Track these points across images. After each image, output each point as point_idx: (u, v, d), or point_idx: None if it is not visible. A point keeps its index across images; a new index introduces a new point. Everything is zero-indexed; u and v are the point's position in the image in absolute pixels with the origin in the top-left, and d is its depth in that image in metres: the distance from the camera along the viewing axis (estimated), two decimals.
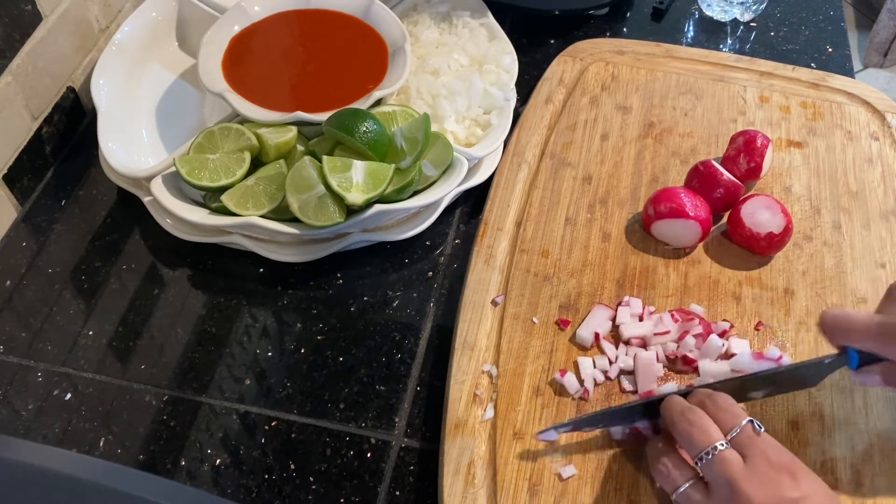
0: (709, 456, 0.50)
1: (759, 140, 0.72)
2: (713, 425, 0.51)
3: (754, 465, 0.49)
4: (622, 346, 0.63)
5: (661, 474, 0.53)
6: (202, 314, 0.69)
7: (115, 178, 0.75)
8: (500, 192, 0.73)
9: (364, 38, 0.79)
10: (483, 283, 0.67)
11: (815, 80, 0.82)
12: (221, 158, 0.69)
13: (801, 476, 0.49)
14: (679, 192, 0.68)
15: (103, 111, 0.75)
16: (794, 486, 0.48)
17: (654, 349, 0.62)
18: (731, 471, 0.49)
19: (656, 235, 0.70)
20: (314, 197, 0.65)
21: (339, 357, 0.66)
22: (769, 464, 0.49)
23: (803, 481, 0.49)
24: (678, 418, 0.53)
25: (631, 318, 0.64)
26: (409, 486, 0.59)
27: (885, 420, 0.59)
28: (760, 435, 0.51)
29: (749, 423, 0.51)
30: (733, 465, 0.49)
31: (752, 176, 0.72)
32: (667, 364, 0.62)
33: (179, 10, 0.84)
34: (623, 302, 0.65)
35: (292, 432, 0.62)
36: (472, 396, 0.60)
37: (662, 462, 0.53)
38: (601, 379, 0.61)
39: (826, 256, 0.69)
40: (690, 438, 0.51)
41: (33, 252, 0.73)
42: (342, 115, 0.69)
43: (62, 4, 0.78)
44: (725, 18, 0.92)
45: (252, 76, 0.76)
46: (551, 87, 0.82)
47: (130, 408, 0.63)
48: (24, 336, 0.67)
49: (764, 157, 0.72)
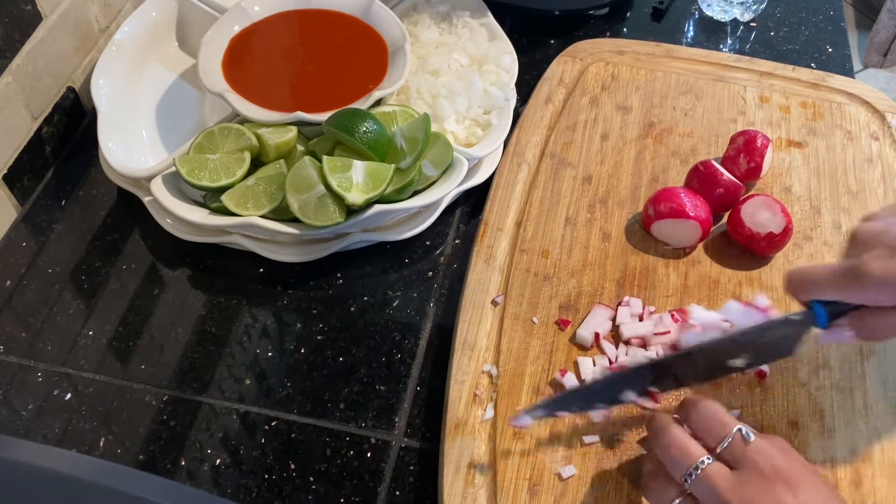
0: (695, 473, 0.48)
1: (760, 140, 0.72)
2: (692, 442, 0.50)
3: (744, 476, 0.47)
4: (622, 346, 0.63)
5: (652, 493, 0.52)
6: (202, 314, 0.69)
7: (115, 178, 0.75)
8: (500, 192, 0.73)
9: (364, 38, 0.79)
10: (483, 283, 0.67)
11: (815, 80, 0.82)
12: (221, 158, 0.69)
13: (799, 482, 0.47)
14: (679, 192, 0.68)
15: (103, 111, 0.75)
16: (790, 493, 0.46)
17: (653, 349, 0.62)
18: (718, 485, 0.47)
19: (656, 235, 0.70)
20: (314, 197, 0.65)
21: (339, 357, 0.66)
22: (760, 473, 0.47)
23: (802, 488, 0.47)
24: (654, 442, 0.52)
25: (631, 318, 0.64)
26: (409, 486, 0.59)
27: (885, 420, 0.59)
28: (750, 443, 0.49)
29: (738, 431, 0.49)
30: (720, 480, 0.47)
31: (753, 176, 0.72)
32: None
33: (179, 10, 0.84)
34: (623, 302, 0.65)
35: (292, 432, 0.62)
36: (472, 396, 0.60)
37: (652, 482, 0.52)
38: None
39: (826, 256, 0.69)
40: (671, 460, 0.50)
41: (33, 252, 0.73)
42: (342, 115, 0.69)
43: (62, 4, 0.78)
44: (725, 18, 0.92)
45: (252, 76, 0.76)
46: (551, 87, 0.82)
47: (130, 408, 0.63)
48: (24, 336, 0.67)
49: (764, 158, 0.72)
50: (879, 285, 0.49)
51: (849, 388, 0.61)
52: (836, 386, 0.61)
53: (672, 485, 0.50)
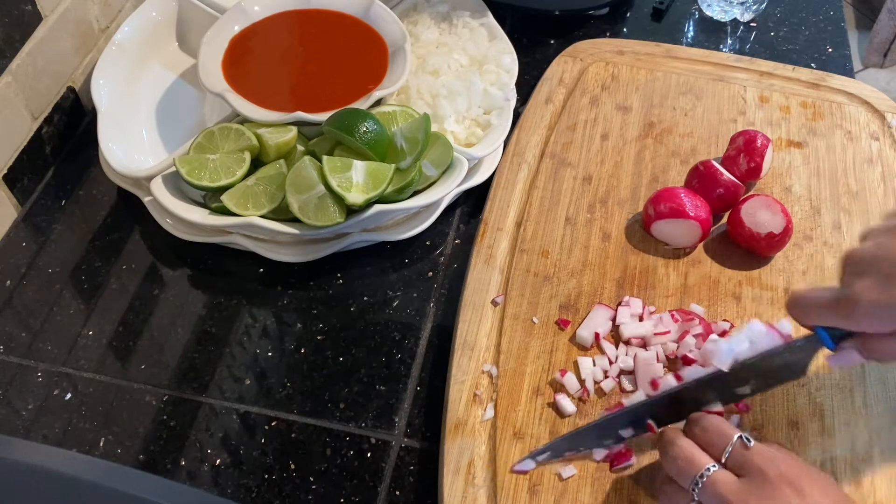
0: (700, 482, 0.49)
1: (760, 140, 0.72)
2: (698, 451, 0.50)
3: (750, 482, 0.48)
4: (622, 345, 0.63)
5: (664, 497, 0.52)
6: (202, 314, 0.69)
7: (115, 178, 0.75)
8: (500, 192, 0.73)
9: (364, 38, 0.79)
10: (483, 283, 0.67)
11: (815, 80, 0.82)
12: (221, 158, 0.69)
13: (806, 485, 0.47)
14: (679, 193, 0.68)
15: (103, 111, 0.75)
16: (797, 496, 0.46)
17: (654, 349, 0.62)
18: (724, 492, 0.47)
19: (656, 235, 0.70)
20: (314, 197, 0.65)
21: (339, 357, 0.66)
22: (766, 478, 0.47)
23: (808, 490, 0.47)
24: (662, 456, 0.52)
25: (631, 317, 0.64)
26: (409, 486, 0.59)
27: (885, 420, 0.59)
28: (752, 448, 0.49)
29: (738, 438, 0.50)
30: (725, 486, 0.48)
31: (752, 176, 0.72)
32: (667, 364, 0.62)
33: (179, 10, 0.84)
34: (623, 302, 0.65)
35: (292, 432, 0.62)
36: (472, 396, 0.60)
37: (664, 491, 0.52)
38: (601, 378, 0.61)
39: (826, 256, 0.69)
40: (678, 471, 0.50)
41: (33, 252, 0.73)
42: (342, 115, 0.69)
43: (62, 4, 0.78)
44: (725, 18, 0.92)
45: (252, 76, 0.76)
46: (551, 87, 0.82)
47: (130, 408, 0.63)
48: (24, 336, 0.67)
49: (764, 157, 0.72)
50: (873, 316, 0.49)
51: (849, 388, 0.61)
52: (836, 386, 0.61)
53: (683, 496, 0.50)
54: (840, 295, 0.50)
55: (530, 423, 0.59)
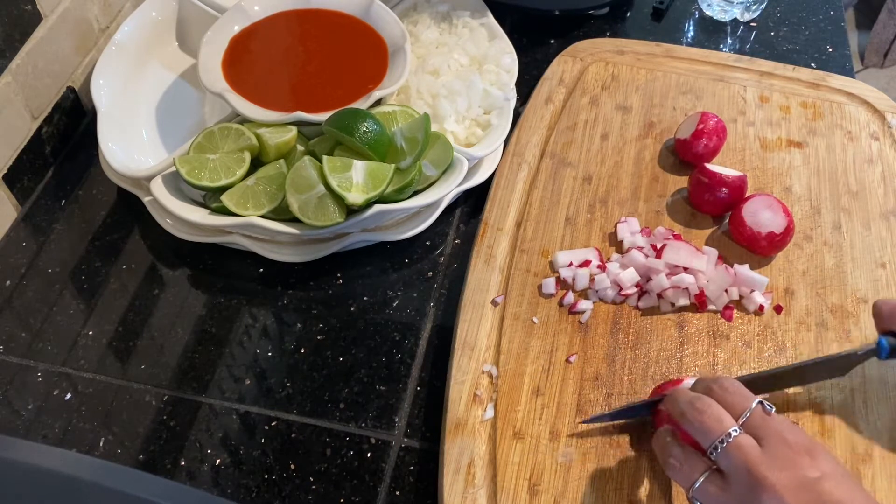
0: (723, 444, 0.48)
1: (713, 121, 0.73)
2: (725, 412, 0.50)
3: (771, 448, 0.47)
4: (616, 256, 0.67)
5: (673, 469, 0.51)
6: (202, 314, 0.69)
7: (115, 178, 0.75)
8: (500, 192, 0.73)
9: (364, 38, 0.79)
10: (483, 283, 0.67)
11: (815, 80, 0.82)
12: (221, 158, 0.69)
13: (819, 455, 0.47)
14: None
15: (103, 111, 0.75)
16: (814, 465, 0.47)
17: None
18: (749, 456, 0.47)
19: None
20: (314, 197, 0.65)
21: (339, 357, 0.66)
22: (786, 444, 0.47)
23: (821, 460, 0.47)
24: (687, 408, 0.51)
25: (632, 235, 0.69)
26: (409, 486, 0.59)
27: (885, 420, 0.59)
28: (772, 415, 0.49)
29: (759, 404, 0.49)
30: (750, 451, 0.47)
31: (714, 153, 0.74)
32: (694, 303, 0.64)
33: (179, 10, 0.84)
34: (621, 221, 0.70)
35: (292, 432, 0.62)
36: (472, 396, 0.60)
37: (673, 456, 0.51)
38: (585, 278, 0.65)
39: (826, 256, 0.69)
40: (703, 428, 0.49)
41: (33, 252, 0.73)
42: (342, 115, 0.69)
43: (62, 4, 0.78)
44: (725, 18, 0.92)
45: (252, 76, 0.76)
46: (551, 87, 0.82)
47: (130, 408, 0.63)
48: (24, 336, 0.67)
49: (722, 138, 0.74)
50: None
51: (849, 388, 0.61)
52: (836, 386, 0.61)
53: (695, 460, 0.50)
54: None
55: (530, 423, 0.59)
